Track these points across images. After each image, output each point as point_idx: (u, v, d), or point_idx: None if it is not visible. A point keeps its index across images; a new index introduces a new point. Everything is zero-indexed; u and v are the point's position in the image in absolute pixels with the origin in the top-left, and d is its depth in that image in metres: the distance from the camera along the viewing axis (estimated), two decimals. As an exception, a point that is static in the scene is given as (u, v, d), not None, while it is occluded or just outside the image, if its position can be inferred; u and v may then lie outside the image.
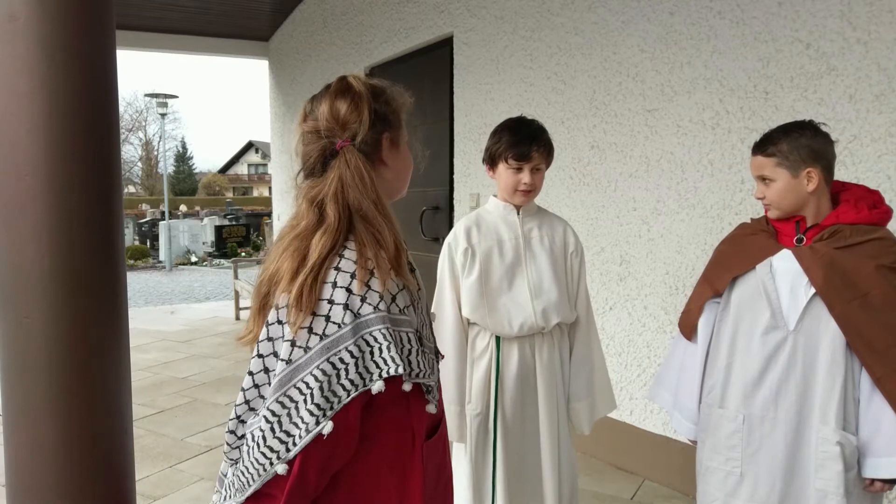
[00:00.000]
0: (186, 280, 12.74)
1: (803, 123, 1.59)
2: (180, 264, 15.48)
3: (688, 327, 1.81)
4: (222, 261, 15.41)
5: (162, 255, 15.33)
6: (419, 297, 1.16)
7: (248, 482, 1.01)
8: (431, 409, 1.12)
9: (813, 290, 1.53)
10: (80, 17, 1.23)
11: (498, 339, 1.97)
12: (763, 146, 1.61)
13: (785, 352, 1.56)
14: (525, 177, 1.90)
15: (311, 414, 0.98)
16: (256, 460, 1.00)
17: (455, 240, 1.99)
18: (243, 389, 1.06)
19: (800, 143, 1.55)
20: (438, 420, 1.20)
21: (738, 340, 1.65)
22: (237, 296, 7.38)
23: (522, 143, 1.89)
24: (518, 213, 1.99)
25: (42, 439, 1.25)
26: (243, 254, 15.46)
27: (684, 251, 2.87)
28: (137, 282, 12.00)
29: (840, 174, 2.25)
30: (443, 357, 1.27)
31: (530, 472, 2.00)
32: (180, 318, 7.55)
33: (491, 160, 1.97)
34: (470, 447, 1.99)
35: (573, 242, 2.04)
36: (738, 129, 2.63)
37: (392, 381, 1.03)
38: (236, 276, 7.55)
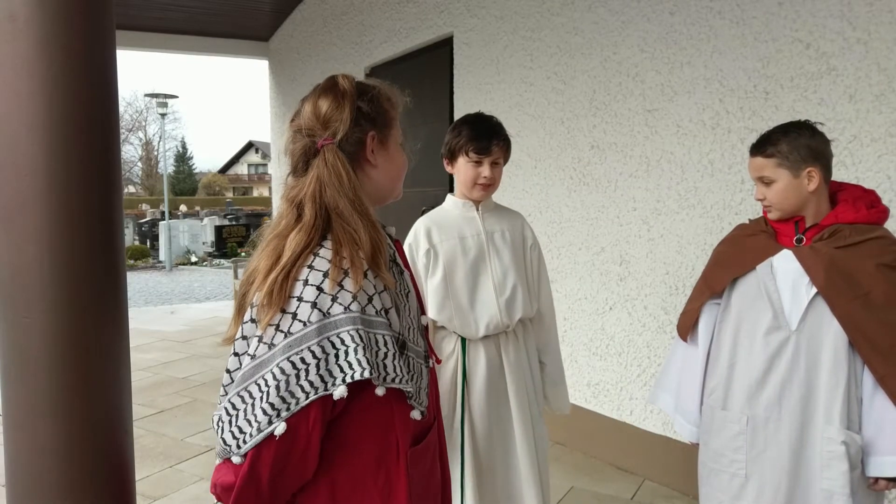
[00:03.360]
0: (186, 280, 12.74)
1: (801, 123, 1.59)
2: (180, 264, 15.48)
3: (685, 329, 1.81)
4: (222, 261, 15.42)
5: (162, 255, 15.33)
6: (406, 300, 1.13)
7: (218, 455, 1.03)
8: (416, 415, 1.10)
9: (814, 290, 1.53)
10: (80, 17, 1.23)
11: (464, 341, 1.95)
12: (762, 147, 1.60)
13: (788, 352, 1.56)
14: (485, 170, 1.92)
15: (265, 413, 0.96)
16: (219, 445, 1.01)
17: (416, 241, 1.98)
18: (224, 386, 1.07)
19: (799, 142, 1.55)
20: (427, 427, 1.17)
21: (739, 341, 1.65)
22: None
23: (482, 137, 1.90)
24: (478, 210, 1.99)
25: (42, 439, 1.24)
26: (243, 254, 15.45)
27: (684, 251, 2.87)
28: (137, 282, 12.00)
29: (840, 174, 2.25)
30: (438, 362, 1.25)
31: (503, 471, 1.98)
32: (180, 318, 7.55)
33: (451, 154, 1.98)
34: None
35: (531, 236, 2.05)
36: (738, 129, 2.63)
37: (367, 386, 1.01)
38: (236, 276, 7.56)
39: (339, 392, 0.97)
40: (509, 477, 1.98)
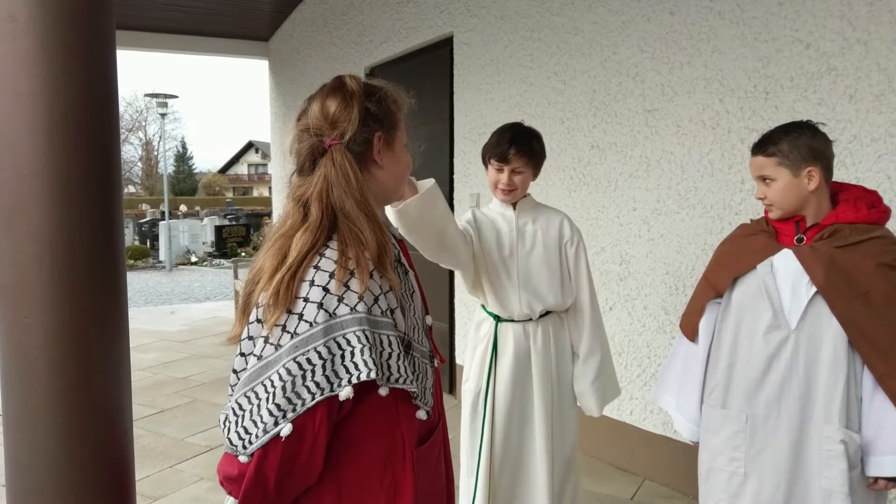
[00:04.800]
0: (186, 280, 12.74)
1: (802, 123, 1.59)
2: (180, 264, 15.47)
3: (690, 329, 1.81)
4: (222, 261, 15.41)
5: (162, 255, 15.33)
6: (411, 300, 1.13)
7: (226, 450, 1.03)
8: (422, 415, 1.10)
9: (814, 290, 1.53)
10: (80, 17, 1.23)
11: (496, 323, 2.09)
12: (763, 146, 1.61)
13: (787, 351, 1.56)
14: (503, 177, 2.03)
15: (271, 414, 0.96)
16: (226, 443, 1.02)
17: (465, 216, 2.15)
18: (231, 386, 1.07)
19: (800, 142, 1.55)
20: (432, 427, 1.17)
21: (739, 340, 1.65)
22: (237, 296, 7.38)
23: (502, 145, 2.02)
24: (514, 209, 2.11)
25: (42, 439, 1.24)
26: (243, 254, 15.45)
27: (684, 251, 2.87)
28: (137, 282, 12.00)
29: (840, 174, 2.25)
30: (443, 361, 1.26)
31: (519, 453, 2.09)
32: (180, 318, 7.55)
33: (483, 159, 2.13)
34: (465, 417, 2.14)
35: (568, 233, 2.12)
36: (738, 129, 2.63)
37: (372, 386, 1.01)
38: (236, 276, 7.55)
39: (345, 393, 0.97)
40: (523, 456, 2.10)
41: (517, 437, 2.08)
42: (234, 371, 1.06)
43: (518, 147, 2.00)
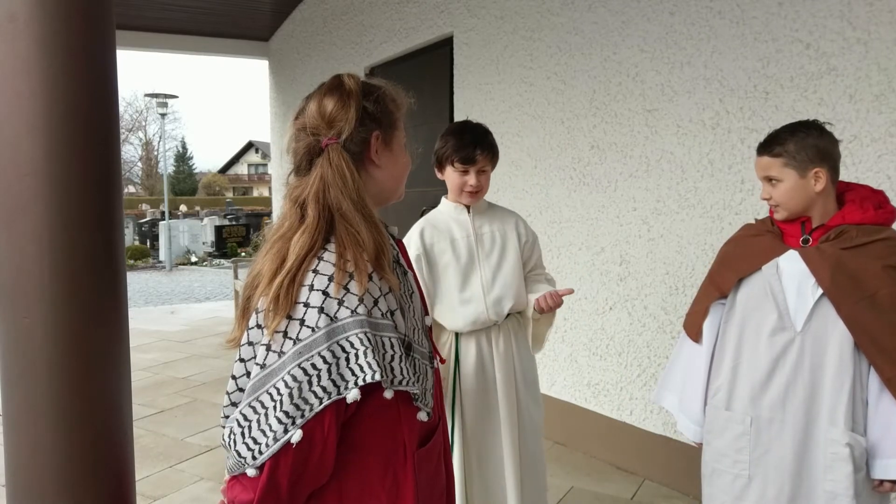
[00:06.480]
0: (186, 280, 12.74)
1: (809, 123, 1.58)
2: (180, 264, 15.47)
3: (694, 329, 1.80)
4: (222, 261, 15.42)
5: (162, 255, 15.33)
6: (410, 300, 1.13)
7: (230, 471, 1.02)
8: (423, 416, 1.09)
9: (820, 291, 1.52)
10: (80, 17, 1.23)
11: (457, 334, 2.05)
12: (769, 147, 1.59)
13: (792, 353, 1.55)
14: (471, 179, 2.00)
15: (280, 422, 0.95)
16: (231, 458, 1.00)
17: (407, 245, 2.04)
18: (228, 393, 1.05)
19: (807, 142, 1.54)
20: (433, 428, 1.17)
21: (744, 342, 1.64)
22: (237, 296, 7.38)
23: (467, 147, 1.98)
24: (469, 212, 2.07)
25: (42, 439, 1.24)
26: (243, 254, 15.45)
27: (684, 251, 2.87)
28: (137, 282, 12.00)
29: (840, 174, 2.25)
30: (443, 362, 1.25)
31: (492, 461, 2.05)
32: (180, 318, 7.55)
33: (439, 163, 2.06)
34: None
35: (524, 233, 2.12)
36: (738, 129, 2.63)
37: (375, 389, 1.00)
38: (236, 276, 7.56)
39: (353, 395, 0.97)
40: (493, 462, 2.06)
41: (488, 440, 2.05)
42: (233, 377, 1.05)
43: (482, 146, 1.98)
